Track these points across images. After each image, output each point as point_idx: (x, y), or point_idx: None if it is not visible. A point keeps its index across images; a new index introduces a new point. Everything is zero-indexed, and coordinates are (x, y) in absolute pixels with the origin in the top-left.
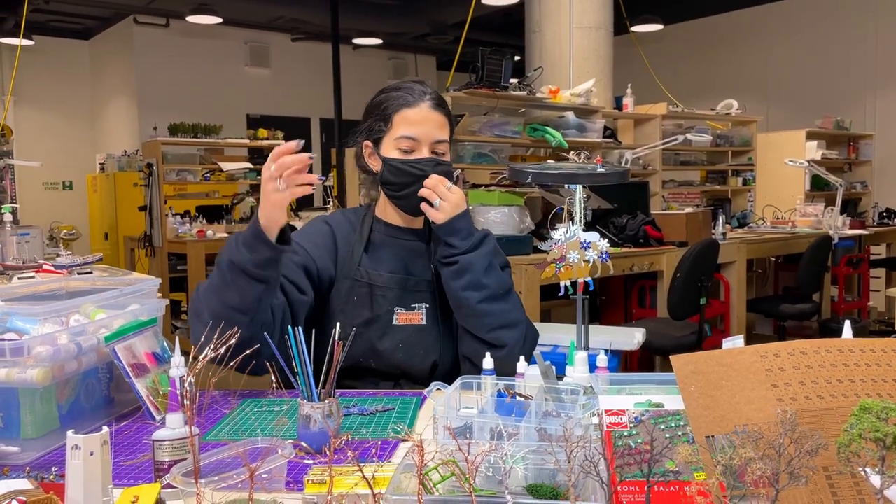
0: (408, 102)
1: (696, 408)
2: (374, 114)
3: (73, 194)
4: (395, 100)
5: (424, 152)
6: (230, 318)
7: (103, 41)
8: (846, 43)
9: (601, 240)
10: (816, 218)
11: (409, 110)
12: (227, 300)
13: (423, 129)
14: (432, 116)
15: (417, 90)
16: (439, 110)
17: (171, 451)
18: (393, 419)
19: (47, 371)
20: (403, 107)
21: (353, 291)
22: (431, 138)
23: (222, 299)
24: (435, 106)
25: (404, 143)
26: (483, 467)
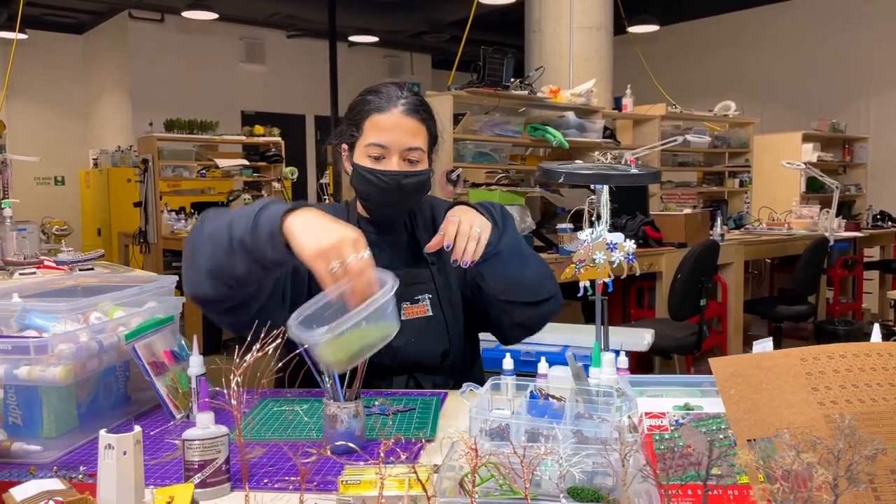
0: (379, 108)
1: (737, 411)
2: (349, 118)
3: (65, 189)
4: (367, 104)
5: (394, 160)
6: (226, 283)
7: (97, 36)
8: (841, 46)
9: (627, 241)
10: (812, 220)
11: (380, 116)
12: (227, 268)
13: (392, 136)
14: (403, 123)
15: (392, 95)
16: (413, 116)
17: (201, 451)
18: (415, 419)
19: (70, 369)
20: (374, 112)
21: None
22: (401, 146)
23: (223, 264)
24: (407, 111)
25: (373, 150)
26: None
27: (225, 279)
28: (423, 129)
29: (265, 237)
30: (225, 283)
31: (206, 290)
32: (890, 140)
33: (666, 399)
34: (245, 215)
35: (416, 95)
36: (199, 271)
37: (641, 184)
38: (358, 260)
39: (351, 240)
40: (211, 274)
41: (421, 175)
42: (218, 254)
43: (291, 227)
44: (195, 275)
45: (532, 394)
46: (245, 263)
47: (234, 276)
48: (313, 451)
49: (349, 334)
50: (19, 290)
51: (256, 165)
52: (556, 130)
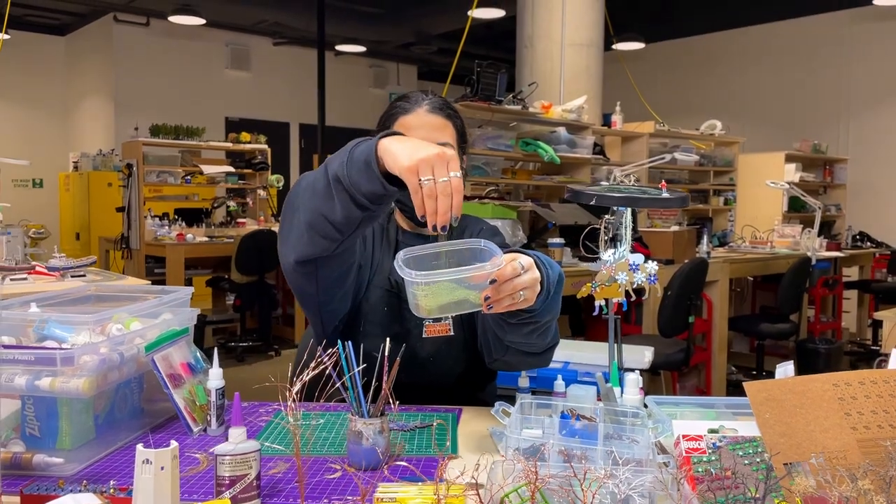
0: (405, 110)
1: (773, 435)
2: (379, 126)
3: (43, 192)
4: (394, 109)
5: None
6: (324, 230)
7: (80, 38)
8: (822, 68)
9: (650, 262)
10: (794, 239)
11: (407, 117)
12: (326, 212)
13: (418, 133)
14: (429, 120)
15: (417, 97)
16: (438, 113)
17: (232, 467)
18: (435, 435)
19: (92, 381)
20: (401, 114)
21: (383, 302)
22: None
23: (322, 209)
24: (432, 109)
25: None
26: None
27: (324, 229)
28: (449, 126)
29: (361, 166)
30: (323, 234)
31: (305, 247)
32: (868, 161)
33: (702, 422)
34: (341, 153)
35: (441, 98)
36: (299, 227)
37: (671, 207)
38: (452, 178)
39: (447, 156)
40: (310, 226)
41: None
42: (316, 200)
43: (387, 145)
44: (295, 234)
45: (563, 414)
46: (343, 204)
47: (332, 221)
48: (337, 467)
49: (447, 287)
50: (36, 300)
51: (242, 172)
52: (547, 145)
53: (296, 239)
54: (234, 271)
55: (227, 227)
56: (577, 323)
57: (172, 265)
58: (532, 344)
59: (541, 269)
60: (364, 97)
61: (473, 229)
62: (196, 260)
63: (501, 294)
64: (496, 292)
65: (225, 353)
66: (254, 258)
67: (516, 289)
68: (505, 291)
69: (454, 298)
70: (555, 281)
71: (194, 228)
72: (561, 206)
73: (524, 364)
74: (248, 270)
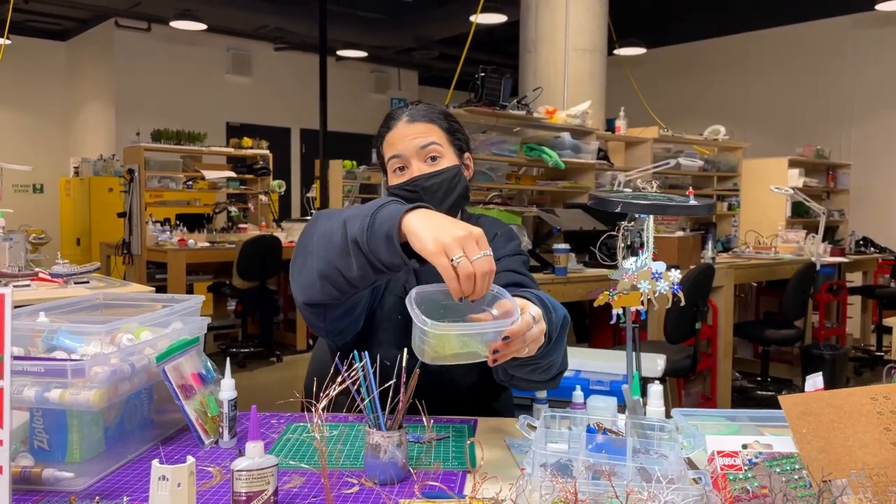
0: (388, 127)
1: (811, 451)
2: (375, 152)
3: (44, 198)
4: (381, 130)
5: (414, 164)
6: (337, 283)
7: (81, 43)
8: (824, 73)
9: (673, 270)
10: (798, 245)
11: (390, 133)
12: (341, 268)
13: (402, 144)
14: (409, 129)
15: (397, 113)
16: (419, 120)
17: (249, 483)
18: (451, 448)
19: (103, 393)
20: (385, 133)
21: (397, 310)
22: (414, 148)
23: (337, 263)
24: (411, 119)
25: (395, 162)
26: None
27: (337, 282)
28: (434, 128)
29: (381, 237)
30: (336, 286)
31: (316, 294)
32: (872, 167)
33: (735, 436)
34: (361, 214)
35: (424, 104)
36: (311, 274)
37: (697, 215)
38: (483, 258)
39: (475, 236)
40: (322, 275)
41: (443, 173)
42: (332, 253)
43: (411, 225)
44: (307, 278)
45: (589, 428)
46: (359, 264)
47: (347, 277)
48: (354, 482)
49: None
50: (45, 309)
51: (243, 177)
52: (552, 151)
53: (307, 283)
54: (235, 277)
55: (229, 232)
56: (581, 329)
57: (174, 271)
58: (534, 381)
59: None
60: (365, 102)
61: (487, 234)
62: (197, 265)
63: (510, 349)
64: (505, 346)
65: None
66: (255, 264)
67: (525, 343)
68: (514, 346)
69: (463, 350)
70: (558, 326)
71: (196, 234)
72: (566, 211)
73: (532, 387)
74: (250, 276)
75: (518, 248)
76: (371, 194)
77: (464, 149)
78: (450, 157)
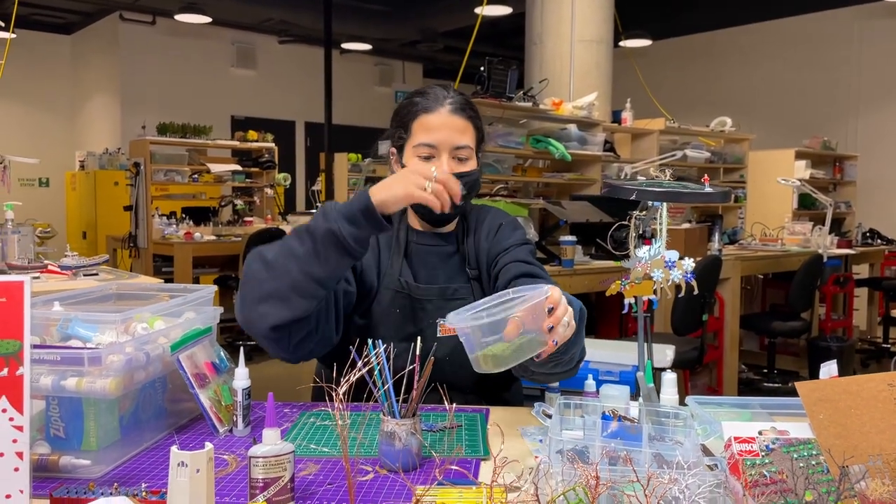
0: (427, 108)
1: (828, 437)
2: (397, 121)
3: (50, 191)
4: (414, 106)
5: (444, 159)
6: (307, 290)
7: (86, 36)
8: (831, 65)
9: (686, 259)
10: (804, 237)
11: (428, 116)
12: (311, 270)
13: (440, 135)
14: (451, 121)
15: (438, 95)
16: (460, 115)
17: (266, 469)
18: (464, 437)
19: (119, 381)
20: (422, 113)
21: (395, 303)
22: (450, 144)
23: (305, 268)
24: (455, 110)
25: (423, 150)
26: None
27: (308, 288)
28: (470, 127)
29: (356, 216)
30: (308, 293)
31: (286, 312)
32: (878, 158)
33: (752, 423)
34: (318, 218)
35: (462, 95)
36: (278, 294)
37: (713, 202)
38: (438, 174)
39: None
40: (293, 288)
41: (471, 175)
42: (300, 263)
43: (378, 193)
44: (272, 301)
45: (604, 415)
46: (335, 257)
47: (318, 278)
48: (369, 469)
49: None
50: (59, 298)
51: (249, 171)
52: (558, 142)
53: (273, 306)
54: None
55: (235, 225)
56: (588, 321)
57: (180, 264)
58: (556, 374)
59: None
60: (369, 95)
61: (492, 223)
62: (203, 258)
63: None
64: (556, 321)
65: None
66: None
67: (567, 312)
68: (562, 319)
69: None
70: (577, 316)
71: (202, 227)
72: (572, 203)
73: (553, 380)
74: None
75: (524, 237)
76: None
77: (481, 150)
78: (474, 160)
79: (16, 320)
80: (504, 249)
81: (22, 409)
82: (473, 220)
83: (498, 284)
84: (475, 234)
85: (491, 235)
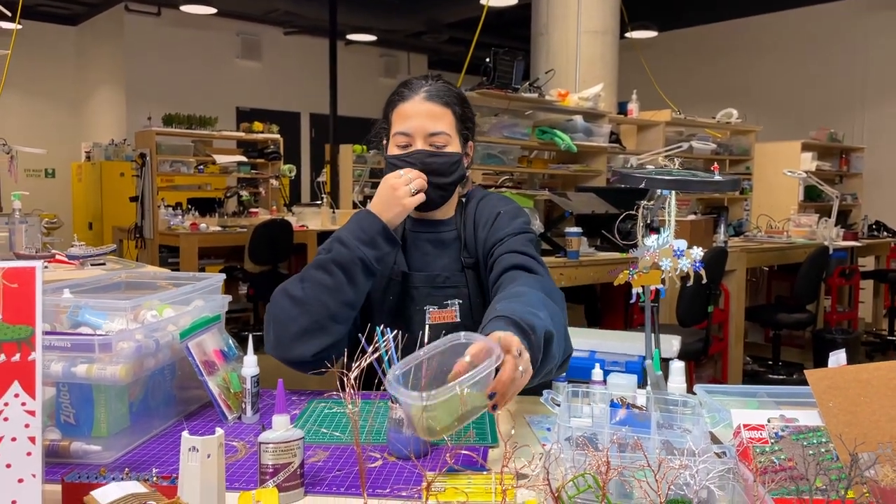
0: (402, 97)
1: (838, 424)
2: (382, 114)
3: (56, 182)
4: (394, 97)
5: (418, 145)
6: (343, 315)
7: (91, 27)
8: (837, 57)
9: (695, 248)
10: (810, 228)
11: (404, 105)
12: (345, 298)
13: (414, 122)
14: (424, 108)
15: (415, 84)
16: (435, 101)
17: (275, 455)
18: (471, 425)
19: (129, 368)
20: (399, 102)
21: (390, 290)
22: (424, 131)
23: (340, 298)
24: (430, 97)
25: (399, 139)
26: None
27: (343, 313)
28: (447, 113)
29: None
30: (343, 319)
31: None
32: (885, 151)
33: (761, 411)
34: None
35: (443, 83)
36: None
37: (720, 191)
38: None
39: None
40: (332, 319)
41: (447, 157)
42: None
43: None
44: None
45: (613, 402)
46: (363, 280)
47: (349, 303)
48: (377, 455)
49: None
50: (68, 286)
51: (254, 162)
52: (564, 134)
53: (312, 337)
54: (247, 261)
55: (240, 216)
56: (593, 312)
57: (186, 254)
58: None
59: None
60: (374, 87)
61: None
62: (209, 249)
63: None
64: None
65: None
66: (267, 248)
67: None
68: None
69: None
70: (540, 345)
71: (207, 218)
72: (577, 194)
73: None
74: (262, 260)
75: (524, 225)
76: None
77: (469, 138)
78: (454, 146)
79: (28, 306)
80: (500, 240)
81: (34, 394)
82: (473, 207)
83: (491, 276)
84: (474, 221)
85: (488, 224)
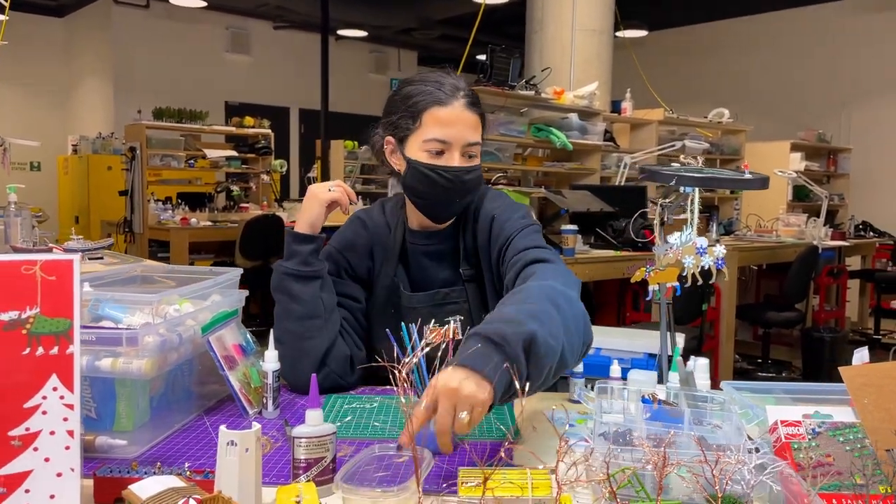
0: (440, 100)
1: (873, 421)
2: (402, 109)
3: (41, 175)
4: (425, 95)
5: (455, 156)
6: (308, 330)
7: (79, 19)
8: (824, 57)
9: (717, 245)
10: (799, 228)
11: (442, 109)
12: (295, 314)
13: (454, 130)
14: (465, 117)
15: (450, 86)
16: (473, 109)
17: (309, 449)
18: (493, 421)
19: (154, 362)
20: (435, 104)
21: (390, 303)
22: (463, 141)
23: (292, 318)
24: (469, 105)
25: (434, 145)
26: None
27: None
28: (480, 124)
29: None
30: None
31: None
32: (871, 151)
33: (796, 407)
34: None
35: (472, 90)
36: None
37: (751, 189)
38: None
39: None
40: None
41: (476, 171)
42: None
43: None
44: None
45: (644, 399)
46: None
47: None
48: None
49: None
50: (88, 279)
51: (245, 157)
52: (559, 131)
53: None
54: (238, 256)
55: (231, 211)
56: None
57: (176, 249)
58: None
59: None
60: (364, 83)
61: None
62: (199, 244)
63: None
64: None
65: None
66: (258, 243)
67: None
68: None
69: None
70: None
71: (197, 213)
72: (572, 192)
73: None
74: (253, 255)
75: (521, 219)
76: (371, 175)
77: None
78: (479, 158)
79: (66, 299)
80: (504, 245)
81: (73, 387)
82: (471, 212)
83: (506, 281)
84: (472, 228)
85: (485, 233)
